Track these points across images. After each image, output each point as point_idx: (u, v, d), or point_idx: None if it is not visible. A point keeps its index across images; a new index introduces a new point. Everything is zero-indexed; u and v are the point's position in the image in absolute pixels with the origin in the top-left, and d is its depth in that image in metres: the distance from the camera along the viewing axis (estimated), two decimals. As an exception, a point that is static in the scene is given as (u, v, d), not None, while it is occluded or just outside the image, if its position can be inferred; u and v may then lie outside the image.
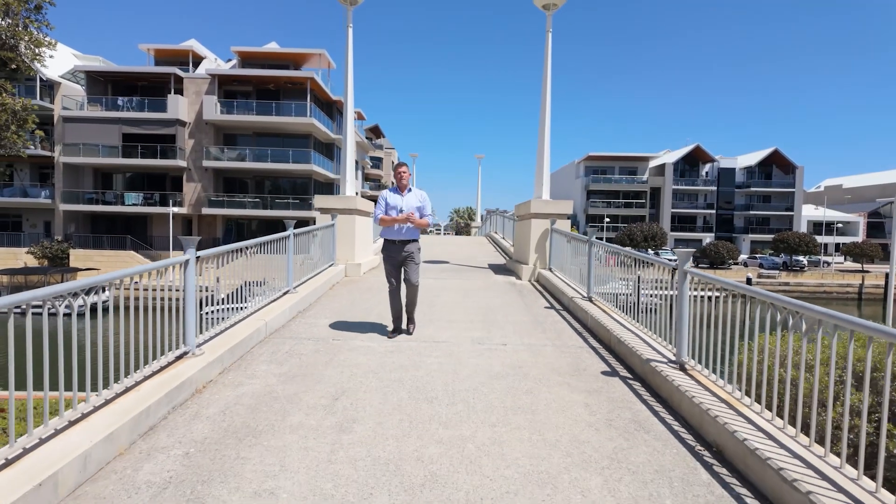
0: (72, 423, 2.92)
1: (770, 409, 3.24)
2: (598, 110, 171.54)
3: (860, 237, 62.20)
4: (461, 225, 64.22)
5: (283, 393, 3.91)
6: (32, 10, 11.22)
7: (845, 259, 57.83)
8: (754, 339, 3.34)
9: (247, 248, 5.37)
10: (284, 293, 6.58)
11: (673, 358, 4.29)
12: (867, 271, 47.33)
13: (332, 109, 39.71)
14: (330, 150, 40.07)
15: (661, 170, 64.14)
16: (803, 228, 61.28)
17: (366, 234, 10.92)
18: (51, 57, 13.26)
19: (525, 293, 8.45)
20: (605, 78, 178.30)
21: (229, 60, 40.12)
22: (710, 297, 4.00)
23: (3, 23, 10.69)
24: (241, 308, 5.27)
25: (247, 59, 37.42)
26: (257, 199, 35.04)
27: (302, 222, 30.89)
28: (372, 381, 4.21)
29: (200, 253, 4.23)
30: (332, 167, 39.40)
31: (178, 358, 4.02)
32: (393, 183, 5.59)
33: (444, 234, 58.84)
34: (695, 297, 4.17)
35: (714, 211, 63.72)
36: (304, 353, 4.87)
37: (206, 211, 34.95)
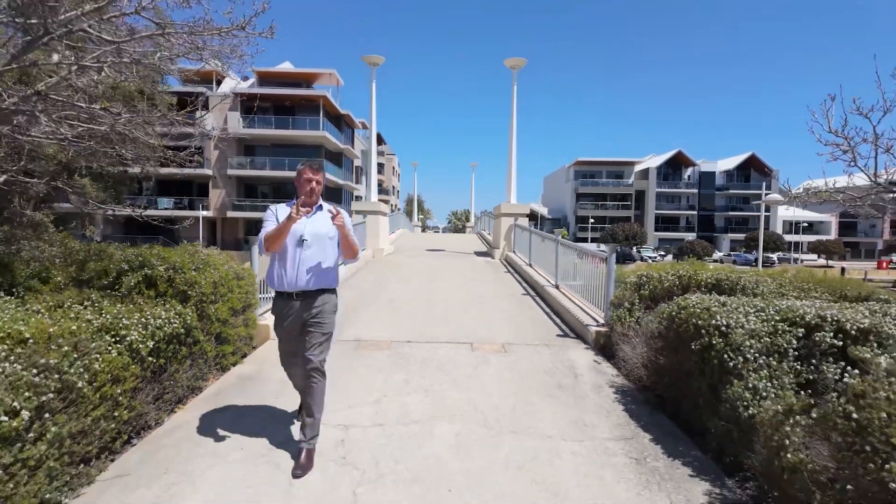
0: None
1: (585, 298, 7.40)
2: (589, 112, 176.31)
3: (833, 235, 66.56)
4: (458, 226, 68.88)
5: (363, 299, 8.10)
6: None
7: (819, 256, 62.18)
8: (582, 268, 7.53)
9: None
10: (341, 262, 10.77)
11: (554, 283, 8.51)
12: (831, 266, 51.64)
13: (341, 122, 44.00)
14: (338, 159, 44.30)
15: (646, 174, 68.50)
16: (779, 228, 65.60)
17: (385, 228, 15.13)
18: None
19: (495, 266, 12.71)
20: (597, 79, 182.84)
21: (246, 78, 44.35)
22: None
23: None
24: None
25: (264, 78, 41.66)
26: (275, 203, 39.23)
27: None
28: (405, 297, 8.40)
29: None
30: (341, 174, 43.64)
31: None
32: (298, 197, 3.18)
33: (443, 233, 63.25)
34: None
35: (696, 212, 68.08)
36: (367, 288, 9.06)
37: (229, 214, 39.17)
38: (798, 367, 3.04)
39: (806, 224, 61.07)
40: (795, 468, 2.38)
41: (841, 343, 3.02)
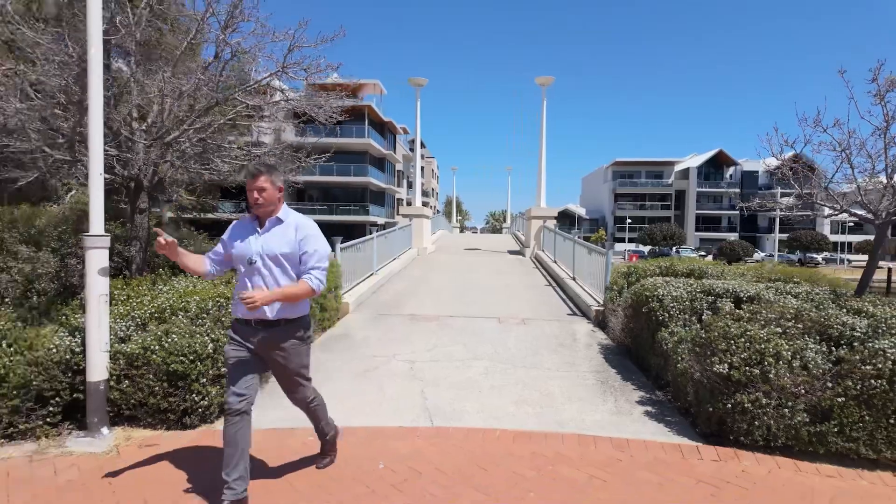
0: (391, 261, 9.08)
1: (593, 287, 9.02)
2: (627, 112, 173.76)
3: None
4: (496, 226, 70.65)
5: (413, 287, 9.99)
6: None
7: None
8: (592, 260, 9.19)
9: (389, 231, 11.56)
10: (394, 259, 12.73)
11: (572, 275, 10.17)
12: (880, 267, 50.34)
13: (384, 129, 46.45)
14: (381, 164, 46.77)
15: (686, 173, 68.17)
16: (826, 228, 64.00)
17: (427, 230, 17.07)
18: None
19: (524, 262, 14.43)
20: (635, 79, 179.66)
21: (298, 91, 47.35)
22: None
23: None
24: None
25: (314, 89, 44.55)
26: (324, 206, 42.04)
27: (358, 225, 37.29)
28: (447, 286, 10.24)
29: (383, 232, 10.44)
30: (384, 178, 46.11)
31: (394, 259, 10.19)
32: (249, 212, 2.85)
33: (481, 234, 65.00)
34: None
35: (738, 212, 67.17)
36: (415, 279, 10.94)
37: (282, 217, 42.16)
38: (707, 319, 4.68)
39: (852, 224, 59.33)
40: (682, 373, 4.06)
41: (734, 303, 4.64)
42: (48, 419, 3.63)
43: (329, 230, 7.44)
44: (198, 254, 2.95)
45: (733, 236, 64.63)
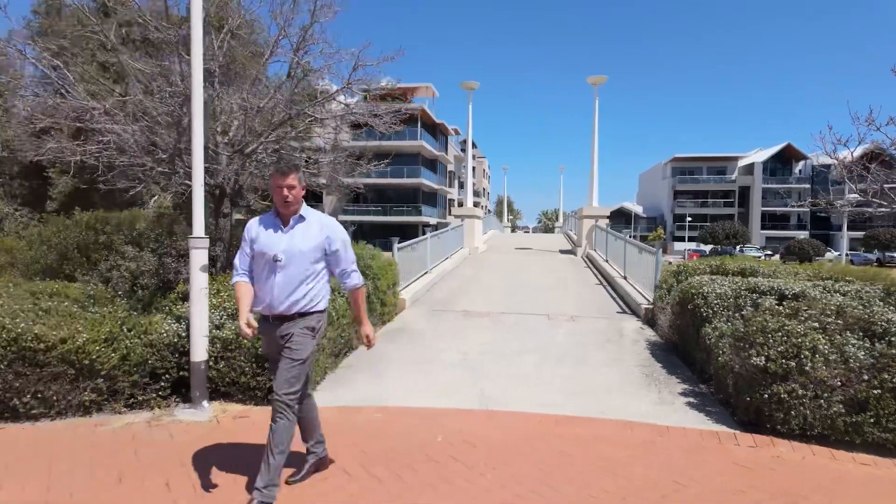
0: (444, 260, 9.61)
1: (643, 286, 9.13)
2: (689, 107, 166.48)
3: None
4: (548, 226, 70.09)
5: (465, 285, 10.42)
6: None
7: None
8: (643, 261, 9.30)
9: (442, 232, 12.05)
10: (446, 258, 13.22)
11: (623, 275, 10.28)
12: (972, 267, 46.20)
13: (436, 130, 47.24)
14: (434, 165, 47.58)
15: (750, 169, 65.00)
16: (910, 225, 59.22)
17: (479, 230, 17.48)
18: None
19: (576, 261, 14.57)
20: (696, 74, 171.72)
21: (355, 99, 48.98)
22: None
23: None
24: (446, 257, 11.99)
25: (374, 101, 46.03)
26: (378, 208, 43.33)
27: (411, 225, 38.10)
28: (498, 284, 10.59)
29: (436, 233, 10.95)
30: (436, 179, 46.91)
31: (447, 258, 10.71)
32: (273, 210, 2.89)
33: (533, 233, 64.64)
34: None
35: (808, 209, 63.32)
36: (467, 278, 11.37)
37: (340, 218, 43.78)
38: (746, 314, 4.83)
39: (940, 220, 54.54)
40: (723, 366, 4.27)
41: (778, 300, 4.77)
42: (159, 392, 4.31)
43: (383, 231, 8.12)
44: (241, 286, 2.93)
45: (803, 234, 61.03)
